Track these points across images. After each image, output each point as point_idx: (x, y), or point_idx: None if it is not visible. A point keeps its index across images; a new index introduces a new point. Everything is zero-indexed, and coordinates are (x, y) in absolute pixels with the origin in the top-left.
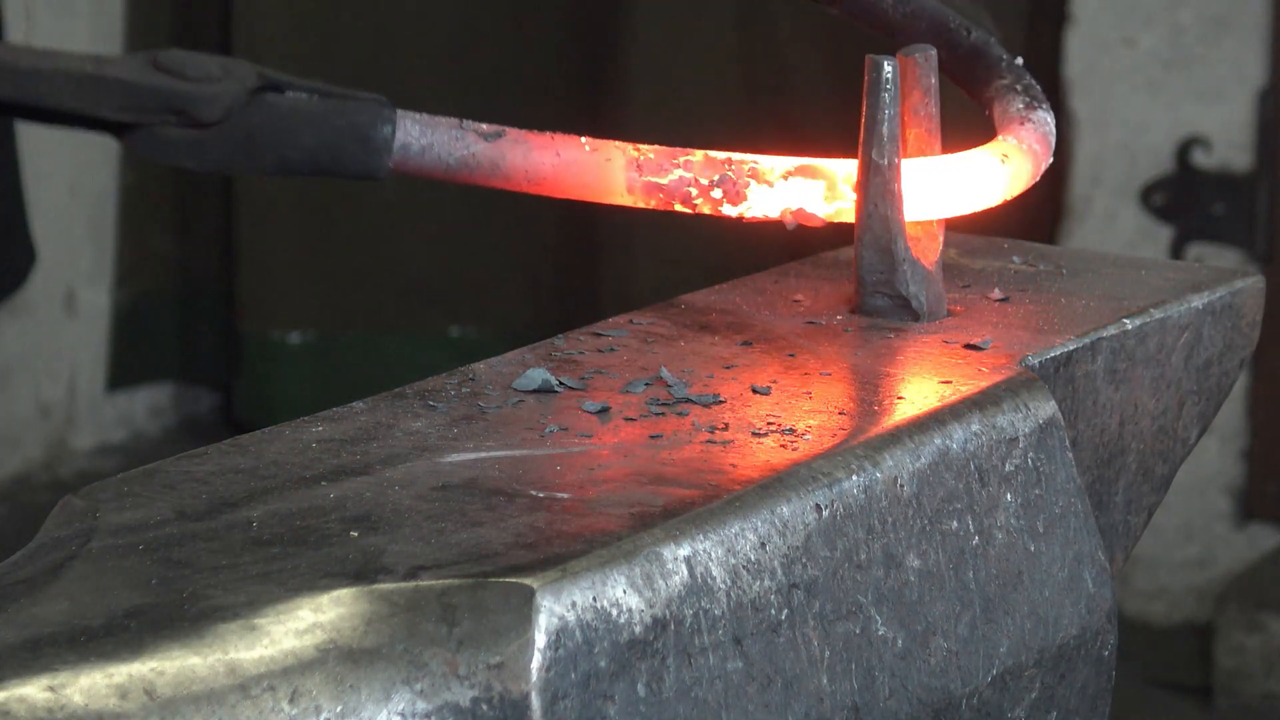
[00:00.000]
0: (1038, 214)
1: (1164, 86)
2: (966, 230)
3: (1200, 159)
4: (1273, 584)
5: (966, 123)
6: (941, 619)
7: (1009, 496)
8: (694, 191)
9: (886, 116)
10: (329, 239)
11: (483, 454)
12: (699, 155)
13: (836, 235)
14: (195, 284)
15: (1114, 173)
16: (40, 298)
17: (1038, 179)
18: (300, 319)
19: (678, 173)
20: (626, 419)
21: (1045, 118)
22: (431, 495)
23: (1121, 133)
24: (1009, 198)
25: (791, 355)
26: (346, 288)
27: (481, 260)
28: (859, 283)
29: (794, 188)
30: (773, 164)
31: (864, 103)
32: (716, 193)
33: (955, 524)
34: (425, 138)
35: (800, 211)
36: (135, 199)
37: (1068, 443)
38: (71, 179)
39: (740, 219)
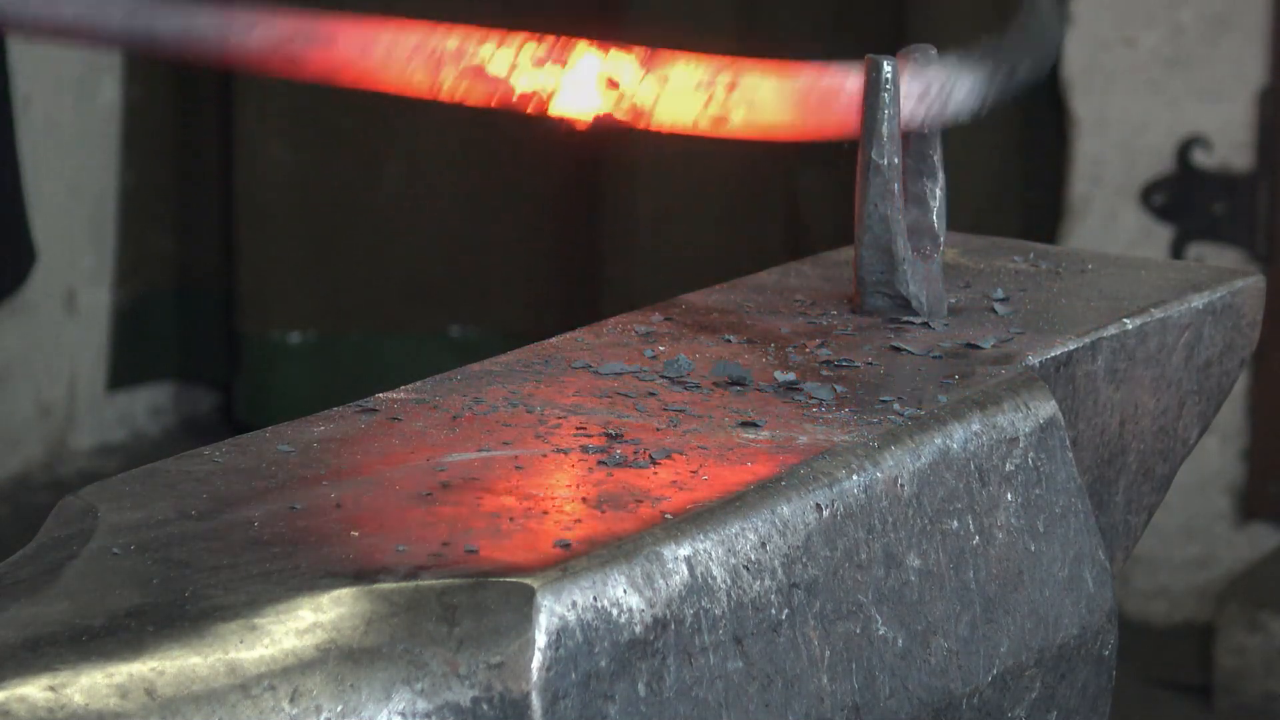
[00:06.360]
0: (1038, 214)
1: (1164, 86)
2: (967, 230)
3: (1200, 159)
4: (1273, 584)
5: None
6: (942, 619)
7: (1009, 496)
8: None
9: (886, 116)
10: (329, 239)
11: (483, 454)
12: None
13: (837, 235)
14: (195, 284)
15: (1114, 173)
16: (40, 298)
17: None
18: (300, 319)
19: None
20: (626, 418)
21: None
22: (431, 495)
23: (1121, 133)
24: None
25: (792, 355)
26: (346, 288)
27: (481, 260)
28: (859, 283)
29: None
30: None
31: (864, 103)
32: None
33: (955, 524)
34: None
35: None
36: (135, 199)
37: (1068, 442)
38: (71, 179)
39: None
